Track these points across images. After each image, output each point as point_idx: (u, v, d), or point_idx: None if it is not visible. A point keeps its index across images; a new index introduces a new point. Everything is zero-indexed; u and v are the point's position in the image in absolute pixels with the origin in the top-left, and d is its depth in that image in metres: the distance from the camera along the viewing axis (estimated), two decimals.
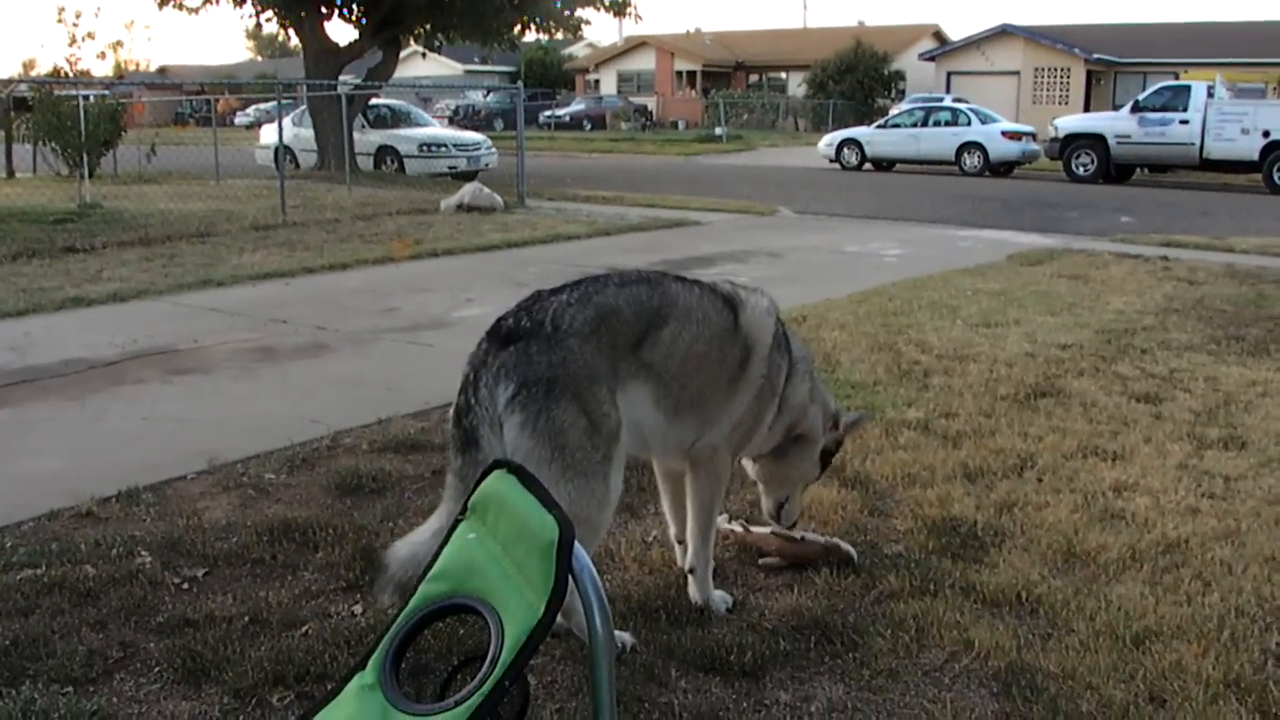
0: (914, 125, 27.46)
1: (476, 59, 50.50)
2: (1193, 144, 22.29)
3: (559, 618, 3.15)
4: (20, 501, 4.33)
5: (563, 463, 2.90)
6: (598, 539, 3.16)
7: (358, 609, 3.47)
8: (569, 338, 2.98)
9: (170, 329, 7.63)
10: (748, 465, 3.82)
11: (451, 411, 3.04)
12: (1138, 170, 24.27)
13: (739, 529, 3.93)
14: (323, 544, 3.91)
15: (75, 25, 23.00)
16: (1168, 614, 3.41)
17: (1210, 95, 22.48)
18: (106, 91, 19.91)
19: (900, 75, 47.41)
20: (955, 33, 50.90)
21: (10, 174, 20.18)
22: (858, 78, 46.28)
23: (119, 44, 27.08)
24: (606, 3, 23.34)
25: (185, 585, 3.62)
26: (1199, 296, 9.02)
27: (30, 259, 10.64)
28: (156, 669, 3.10)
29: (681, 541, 3.72)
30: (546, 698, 2.97)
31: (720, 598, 3.54)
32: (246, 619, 3.36)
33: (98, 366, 6.60)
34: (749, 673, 3.10)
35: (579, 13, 23.76)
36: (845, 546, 3.80)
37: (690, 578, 3.55)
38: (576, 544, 1.76)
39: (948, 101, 32.37)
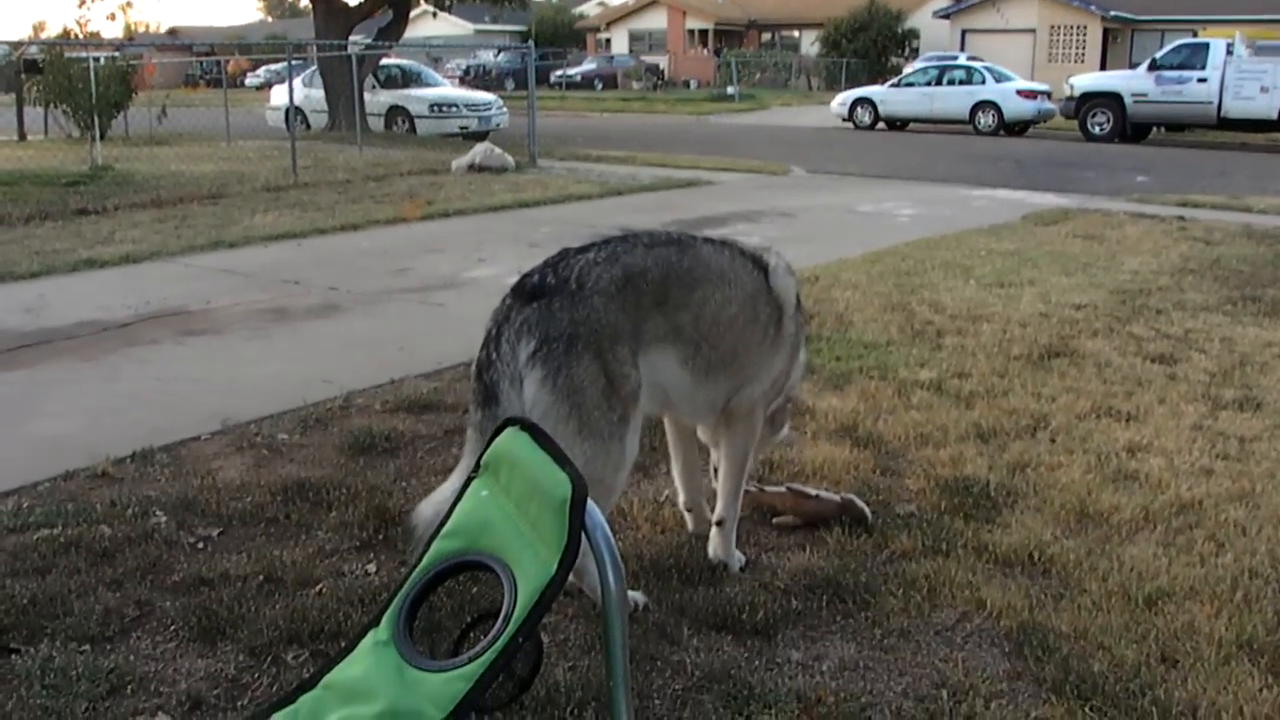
0: (928, 84, 27.20)
1: (487, 18, 50.21)
2: (1211, 102, 22.03)
3: (570, 577, 3.17)
4: (36, 462, 4.36)
5: (579, 421, 2.90)
6: (612, 501, 3.17)
7: (371, 568, 3.49)
8: (594, 296, 2.97)
9: (183, 290, 7.64)
10: (703, 435, 3.72)
11: (473, 366, 3.03)
12: (1154, 129, 24.02)
13: (752, 488, 3.93)
14: (336, 503, 3.93)
15: None
16: (1181, 575, 3.41)
17: (1229, 53, 22.16)
18: (117, 53, 19.87)
19: (914, 33, 46.94)
20: None
21: (22, 136, 20.18)
22: (871, 36, 45.84)
23: (128, 5, 27.08)
24: None
25: (200, 545, 3.65)
26: (1215, 257, 8.95)
27: (43, 221, 10.66)
28: (172, 627, 3.12)
29: (690, 509, 3.75)
30: (560, 656, 2.99)
31: (736, 558, 3.55)
32: (261, 578, 3.38)
33: (111, 328, 6.62)
34: (761, 631, 3.12)
35: None
36: (859, 504, 3.81)
37: (715, 531, 3.56)
38: (589, 501, 1.76)
39: (962, 60, 32.02)
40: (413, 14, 26.04)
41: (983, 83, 26.20)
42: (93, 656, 2.94)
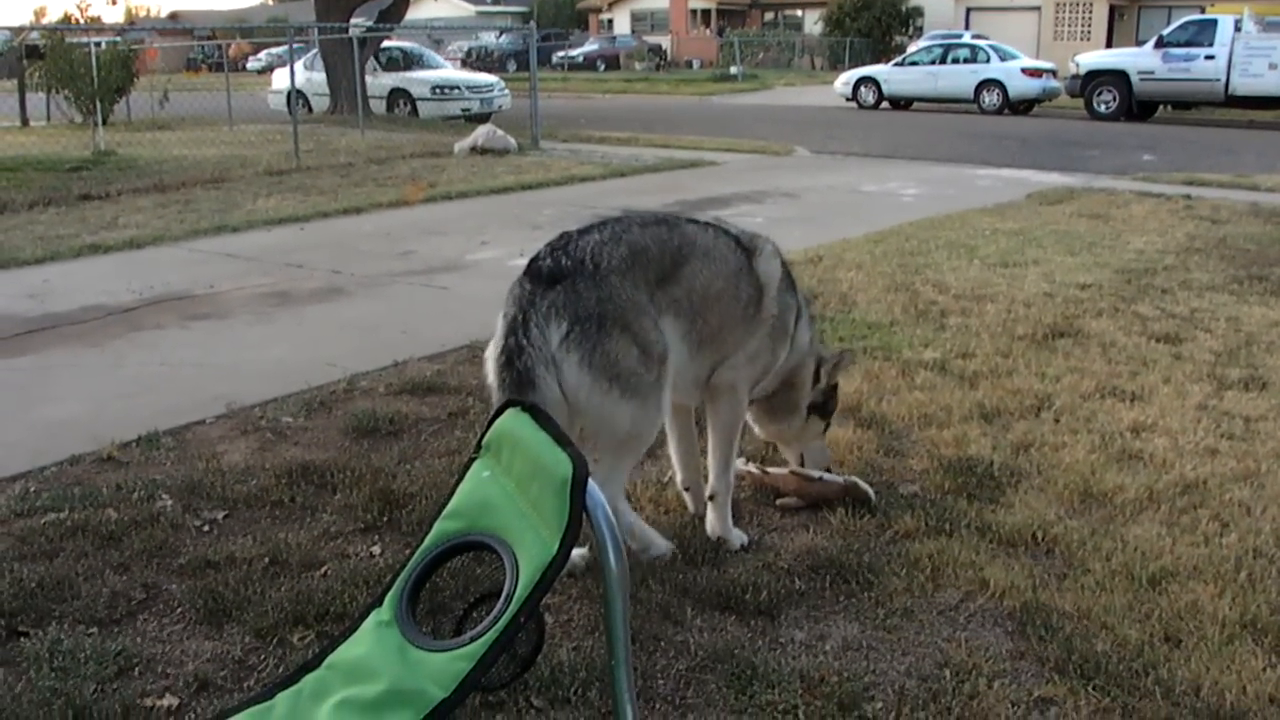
0: (932, 63, 27.09)
1: (488, 0, 50.02)
2: (1218, 80, 21.89)
3: (588, 552, 3.19)
4: (42, 446, 4.37)
5: (621, 387, 3.00)
6: (642, 451, 3.28)
7: (376, 549, 3.50)
8: (610, 274, 3.07)
9: (186, 275, 7.65)
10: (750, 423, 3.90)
11: (495, 353, 3.03)
12: (1161, 107, 23.90)
13: (755, 470, 3.94)
14: (340, 486, 3.94)
15: None
16: (1185, 555, 3.41)
17: (1237, 29, 22.01)
18: (118, 38, 19.80)
19: (918, 12, 46.66)
20: None
21: (24, 122, 20.13)
22: (875, 14, 45.55)
23: None
24: None
25: (206, 528, 3.66)
26: (1221, 236, 8.92)
27: (47, 207, 10.65)
28: (179, 610, 3.14)
29: (689, 488, 3.78)
30: (563, 636, 3.00)
31: (736, 535, 3.57)
32: (266, 560, 3.39)
33: (116, 313, 6.63)
34: (764, 611, 3.12)
35: None
36: (863, 486, 3.81)
37: (710, 506, 3.59)
38: (590, 481, 1.76)
39: (967, 38, 31.86)
40: None
41: (987, 61, 26.08)
42: (100, 639, 2.96)
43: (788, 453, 4.00)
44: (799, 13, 53.66)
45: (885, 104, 27.26)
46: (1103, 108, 23.14)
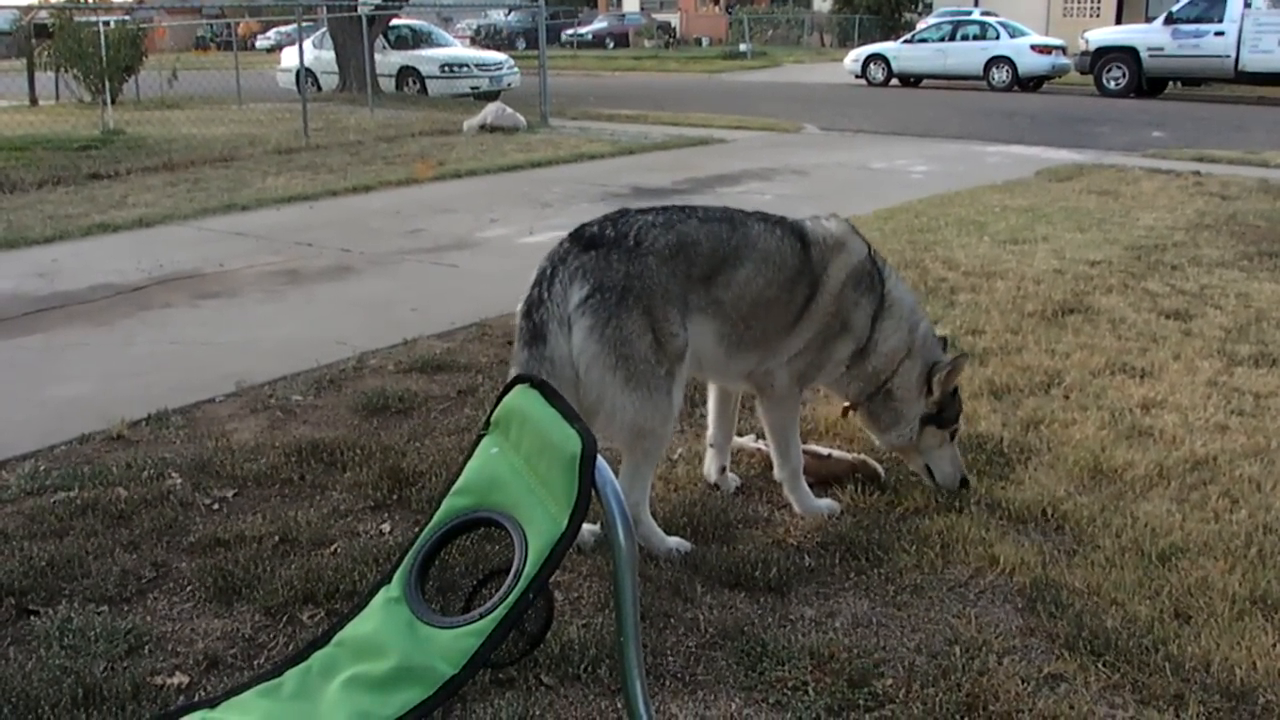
0: (941, 40, 26.94)
1: None
2: (1228, 56, 21.68)
3: (597, 529, 3.20)
4: (52, 425, 4.38)
5: (626, 372, 3.00)
6: (662, 450, 3.28)
7: (385, 527, 3.51)
8: (649, 255, 3.08)
9: (196, 253, 7.65)
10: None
11: (521, 304, 3.10)
12: (1171, 84, 23.72)
13: (764, 447, 3.94)
14: (350, 464, 3.95)
15: None
16: (1194, 531, 3.40)
17: (1247, 5, 21.74)
18: (126, 17, 19.77)
19: None
20: None
21: (33, 101, 20.11)
22: None
23: None
24: None
25: (215, 506, 3.67)
26: (1231, 212, 8.87)
27: (56, 186, 10.65)
28: (189, 588, 3.15)
29: (713, 445, 3.80)
30: (573, 614, 3.00)
31: (825, 504, 3.58)
32: (276, 538, 3.40)
33: (125, 292, 6.63)
34: (774, 588, 3.13)
35: None
36: (872, 463, 3.81)
37: (786, 492, 3.62)
38: (599, 458, 1.76)
39: (976, 15, 31.59)
40: None
41: (997, 38, 25.91)
42: (110, 617, 2.97)
43: (911, 464, 3.75)
44: None
45: (895, 81, 27.11)
46: (1112, 84, 22.94)
